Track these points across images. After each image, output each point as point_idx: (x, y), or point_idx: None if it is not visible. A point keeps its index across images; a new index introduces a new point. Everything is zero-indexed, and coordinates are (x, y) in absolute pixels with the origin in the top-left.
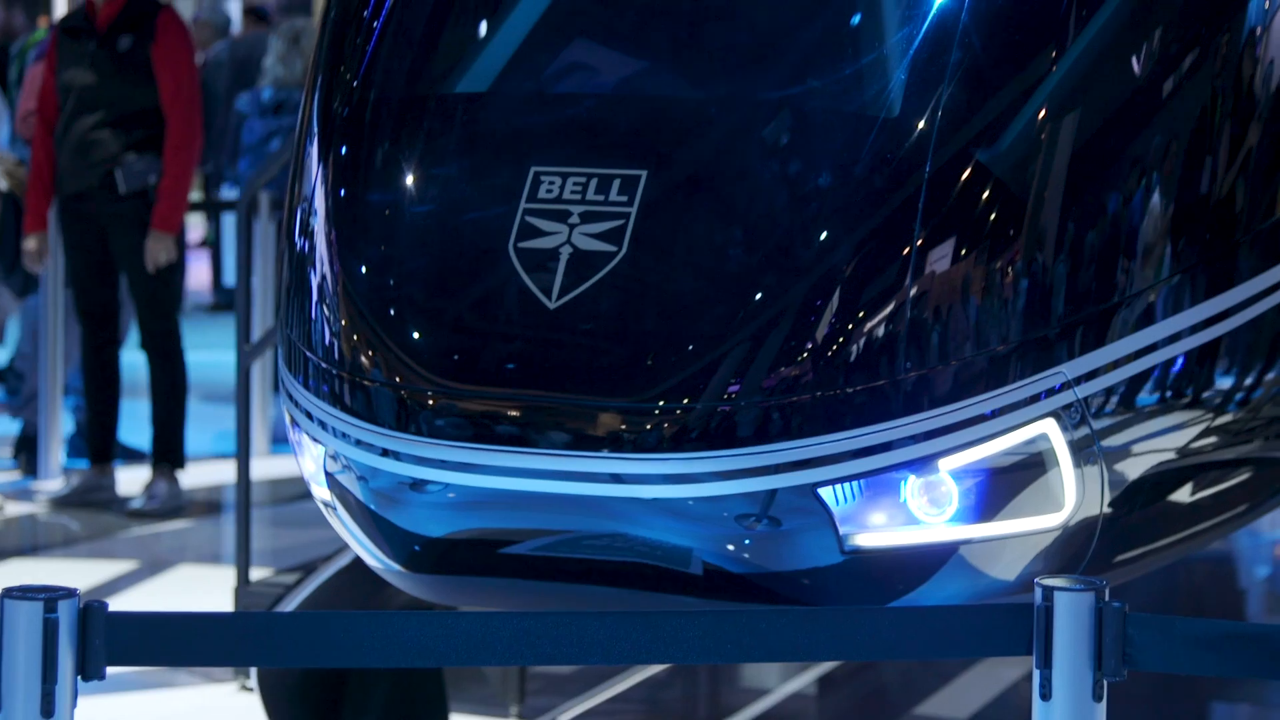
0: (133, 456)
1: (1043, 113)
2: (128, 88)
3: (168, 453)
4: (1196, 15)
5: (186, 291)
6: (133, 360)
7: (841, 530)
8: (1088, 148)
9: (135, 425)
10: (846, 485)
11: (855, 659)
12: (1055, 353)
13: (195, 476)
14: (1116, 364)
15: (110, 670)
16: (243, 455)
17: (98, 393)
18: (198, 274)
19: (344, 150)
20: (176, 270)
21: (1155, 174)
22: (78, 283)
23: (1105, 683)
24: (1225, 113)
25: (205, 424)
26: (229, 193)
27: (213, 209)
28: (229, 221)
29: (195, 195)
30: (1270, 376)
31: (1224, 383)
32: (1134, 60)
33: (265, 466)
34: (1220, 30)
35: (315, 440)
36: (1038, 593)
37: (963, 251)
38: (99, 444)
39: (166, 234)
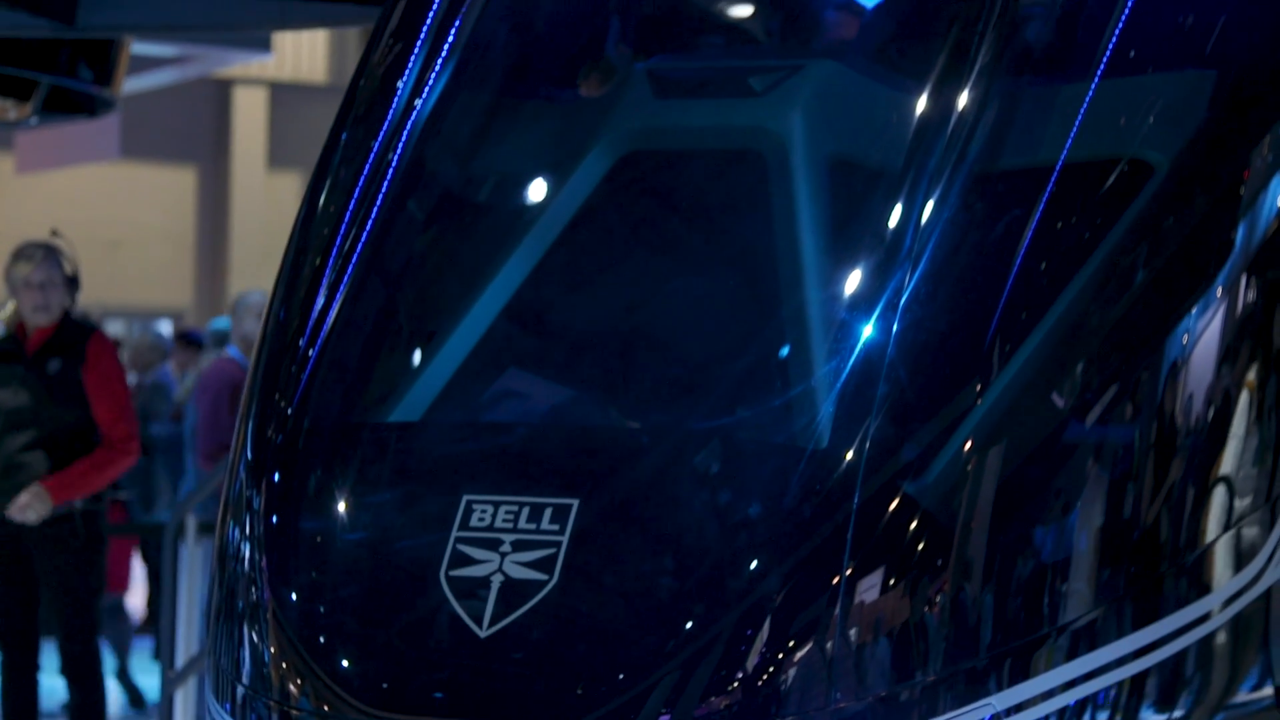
0: None
1: (969, 445)
2: (56, 409)
3: None
4: (1118, 347)
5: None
6: (52, 685)
7: None
8: (1013, 480)
9: None
10: None
11: None
12: (984, 684)
13: None
14: (1046, 696)
15: None
16: None
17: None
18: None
19: (276, 477)
20: (96, 595)
21: (1081, 506)
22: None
23: None
24: (1149, 445)
25: None
26: None
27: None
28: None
29: None
30: (1199, 711)
31: (1153, 715)
32: (1057, 393)
33: None
34: (1142, 364)
35: None
36: None
37: (891, 582)
38: None
39: (47, 496)
